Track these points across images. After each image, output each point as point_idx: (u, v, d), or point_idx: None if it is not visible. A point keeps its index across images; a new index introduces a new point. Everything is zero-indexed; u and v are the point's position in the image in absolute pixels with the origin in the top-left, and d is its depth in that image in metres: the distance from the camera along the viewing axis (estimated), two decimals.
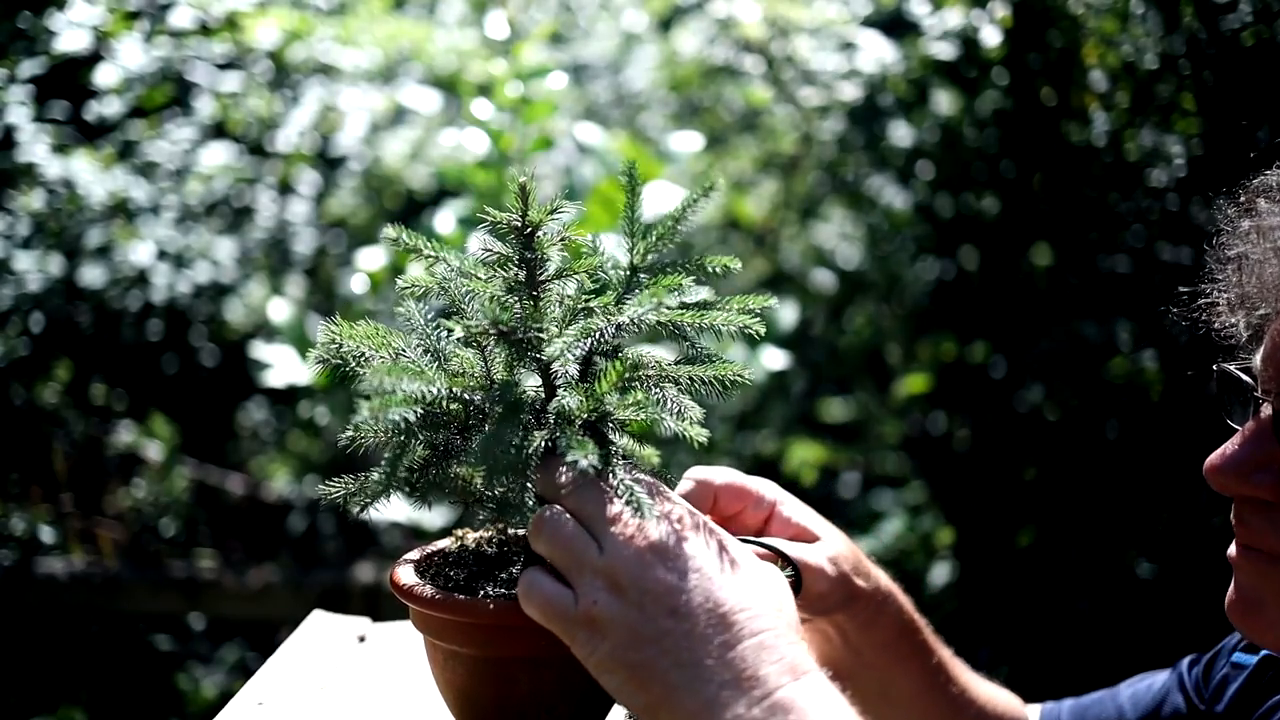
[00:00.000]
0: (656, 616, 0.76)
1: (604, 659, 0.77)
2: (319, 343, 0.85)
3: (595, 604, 0.77)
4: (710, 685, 0.74)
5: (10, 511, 3.05)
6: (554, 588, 0.80)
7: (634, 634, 0.76)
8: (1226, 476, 0.84)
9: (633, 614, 0.76)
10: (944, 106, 2.83)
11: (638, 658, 0.76)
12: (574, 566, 0.79)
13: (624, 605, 0.76)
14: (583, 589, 0.78)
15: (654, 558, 0.77)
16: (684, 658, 0.75)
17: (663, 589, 0.76)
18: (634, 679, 0.76)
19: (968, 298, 2.88)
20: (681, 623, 0.75)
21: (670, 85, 3.36)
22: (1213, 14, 2.34)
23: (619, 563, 0.77)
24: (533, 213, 0.87)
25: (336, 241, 3.51)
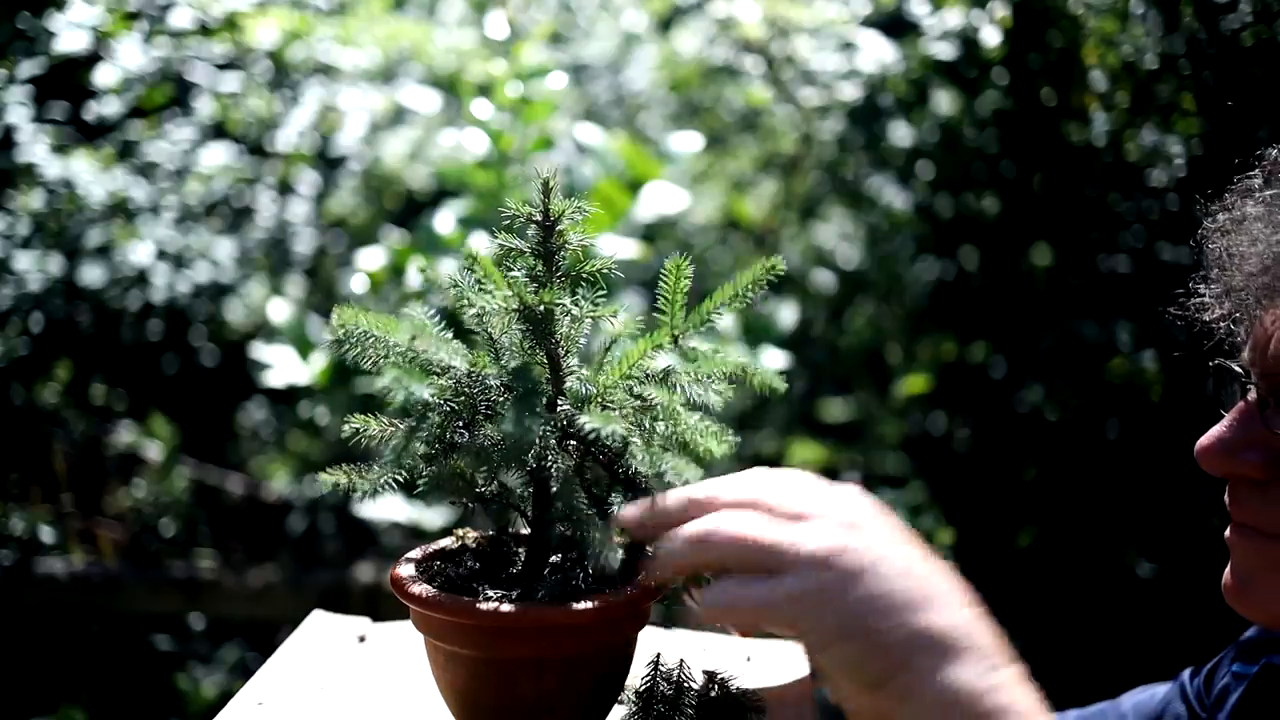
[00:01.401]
0: (887, 578, 0.71)
1: (832, 631, 0.71)
2: (332, 323, 0.85)
3: (815, 577, 0.72)
4: (949, 645, 0.71)
5: (10, 511, 3.05)
6: (751, 583, 0.74)
7: (866, 600, 0.71)
8: (1216, 456, 0.87)
9: (861, 580, 0.71)
10: (944, 106, 2.83)
11: (874, 624, 0.71)
12: (775, 552, 0.73)
13: (850, 570, 0.71)
14: (791, 567, 0.72)
15: (860, 520, 0.73)
16: (921, 618, 0.71)
17: (883, 549, 0.72)
18: (871, 649, 0.71)
19: (968, 298, 2.88)
20: (909, 583, 0.72)
21: (670, 85, 3.36)
22: (1213, 14, 2.34)
23: (829, 531, 0.73)
24: (554, 206, 0.88)
25: (336, 241, 3.51)
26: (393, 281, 2.35)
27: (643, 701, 0.93)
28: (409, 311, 0.90)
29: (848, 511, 0.74)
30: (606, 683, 0.91)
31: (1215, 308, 0.92)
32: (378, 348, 0.85)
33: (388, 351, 0.85)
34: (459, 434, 0.88)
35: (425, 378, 0.84)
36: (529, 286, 0.88)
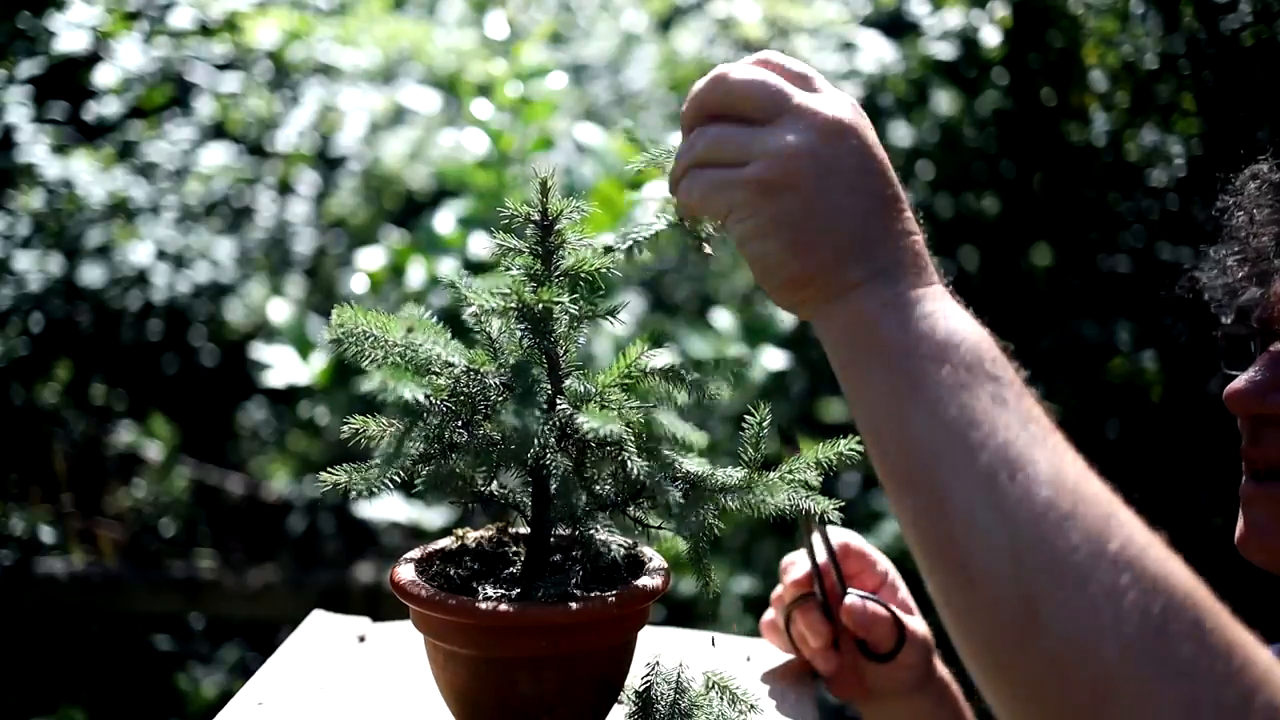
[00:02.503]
0: (837, 189, 0.73)
1: (764, 223, 0.74)
2: (331, 323, 0.86)
3: (770, 168, 0.73)
4: (876, 263, 0.73)
5: (10, 511, 3.05)
6: (715, 169, 0.76)
7: (810, 202, 0.73)
8: (1249, 398, 0.91)
9: (813, 182, 0.73)
10: (944, 106, 2.83)
11: (807, 225, 0.73)
12: (742, 142, 0.75)
13: (804, 172, 0.73)
14: (753, 157, 0.74)
15: (830, 136, 0.74)
16: (857, 233, 0.74)
17: (844, 163, 0.74)
18: (793, 246, 0.74)
19: (968, 298, 2.87)
20: (858, 199, 0.74)
21: (670, 85, 3.36)
22: (1213, 14, 2.34)
23: (795, 135, 0.74)
24: (552, 205, 0.88)
25: (336, 241, 3.51)
26: (393, 281, 2.35)
27: (643, 701, 0.93)
28: (408, 311, 0.90)
29: (821, 117, 0.75)
30: (606, 683, 0.91)
31: (1236, 270, 0.96)
32: (376, 347, 0.85)
33: (386, 351, 0.85)
34: (458, 433, 0.88)
35: (420, 377, 0.83)
36: (527, 286, 0.88)
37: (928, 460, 0.68)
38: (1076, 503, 0.64)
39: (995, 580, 0.64)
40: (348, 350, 0.85)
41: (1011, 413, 0.68)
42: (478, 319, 0.90)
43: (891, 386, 0.71)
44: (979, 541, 0.65)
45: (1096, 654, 0.60)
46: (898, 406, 0.71)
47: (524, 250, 0.90)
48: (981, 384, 0.69)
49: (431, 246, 2.22)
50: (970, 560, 0.65)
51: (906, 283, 0.74)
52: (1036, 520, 0.64)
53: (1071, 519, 0.63)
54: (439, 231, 2.23)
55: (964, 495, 0.66)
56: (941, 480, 0.67)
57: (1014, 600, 0.63)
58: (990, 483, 0.66)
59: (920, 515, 0.69)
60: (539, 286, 0.88)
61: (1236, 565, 0.97)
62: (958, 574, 0.66)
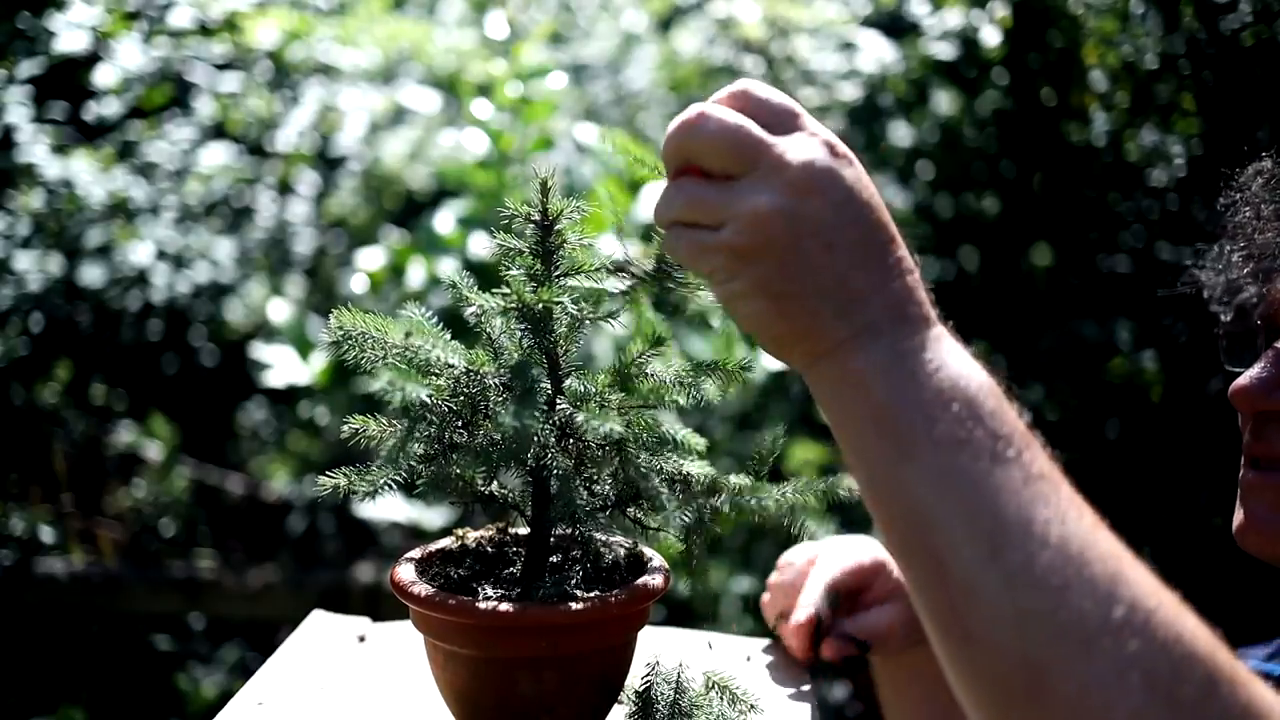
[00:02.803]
0: (813, 248, 0.71)
1: (745, 287, 0.72)
2: (329, 325, 0.86)
3: (743, 234, 0.71)
4: (861, 319, 0.71)
5: (10, 511, 3.05)
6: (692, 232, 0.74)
7: (785, 264, 0.71)
8: (1254, 395, 0.91)
9: (784, 244, 0.71)
10: (944, 106, 2.83)
11: (784, 289, 0.71)
12: (715, 204, 0.73)
13: (777, 235, 0.71)
14: (726, 219, 0.72)
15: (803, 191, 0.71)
16: (835, 292, 0.71)
17: (819, 219, 0.71)
18: (775, 309, 0.72)
19: (968, 298, 2.88)
20: (836, 256, 0.71)
21: (670, 85, 3.36)
22: (1213, 14, 2.34)
23: (766, 195, 0.71)
24: (552, 205, 0.88)
25: (336, 241, 3.51)
26: (393, 281, 2.35)
27: (643, 701, 0.93)
28: (407, 311, 0.90)
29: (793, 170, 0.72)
30: (606, 683, 0.91)
31: (1240, 266, 0.97)
32: (376, 348, 0.85)
33: (385, 352, 0.85)
34: (458, 434, 0.88)
35: (422, 378, 0.84)
36: (527, 286, 0.88)
37: (925, 526, 0.66)
38: (1081, 566, 0.62)
39: (999, 649, 0.63)
40: (347, 352, 0.86)
41: (1013, 468, 0.66)
42: (478, 319, 0.90)
43: (883, 449, 0.69)
44: (981, 610, 0.63)
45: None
46: (892, 470, 0.68)
47: (524, 250, 0.90)
48: (980, 440, 0.66)
49: (431, 246, 2.22)
50: (972, 629, 0.64)
51: (896, 335, 0.70)
52: (1039, 587, 0.62)
53: (1075, 584, 0.61)
54: (439, 231, 2.23)
55: (964, 562, 0.64)
56: (940, 546, 0.65)
57: (1019, 669, 0.62)
58: (991, 549, 0.63)
59: (920, 581, 0.67)
60: (539, 287, 0.88)
61: (1237, 565, 0.97)
62: (960, 642, 0.65)
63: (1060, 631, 0.61)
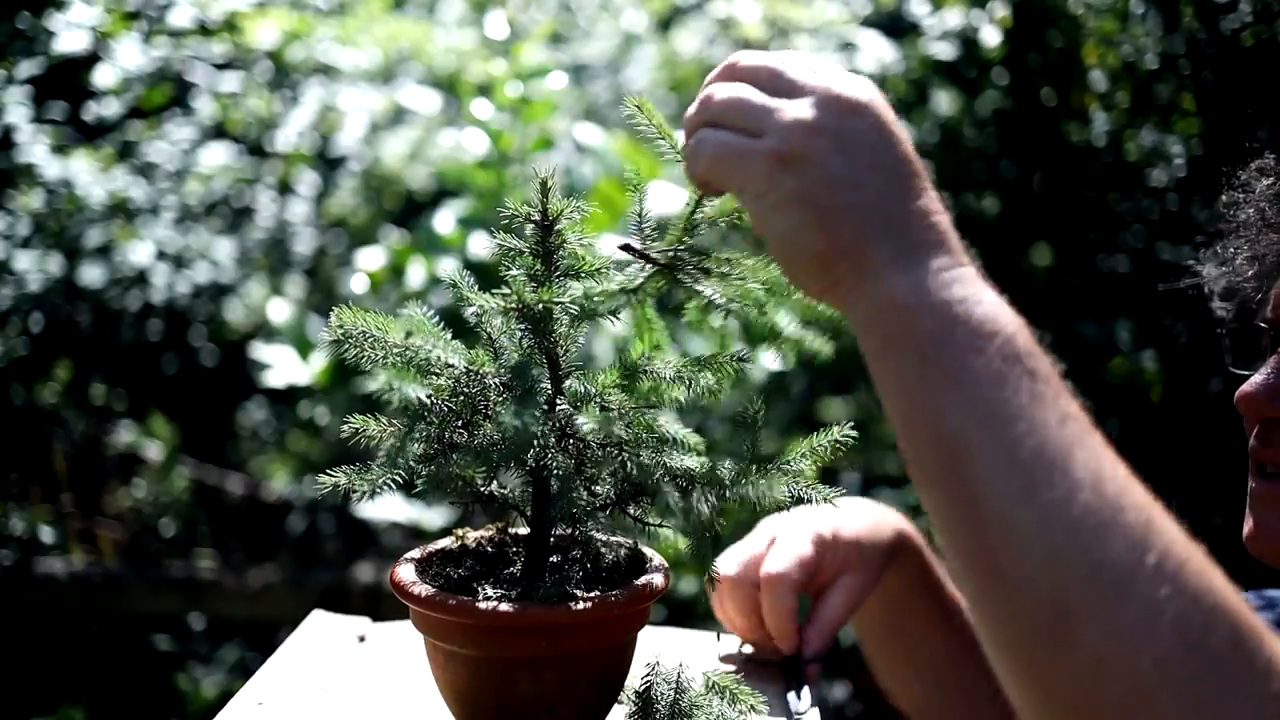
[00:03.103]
0: (858, 165, 0.70)
1: (787, 196, 0.71)
2: (330, 325, 0.86)
3: (788, 141, 0.71)
4: (903, 242, 0.70)
5: (10, 511, 3.05)
6: (729, 134, 0.73)
7: (831, 177, 0.70)
8: (1260, 401, 0.90)
9: (834, 157, 0.70)
10: (944, 106, 2.83)
11: (830, 201, 0.70)
12: (759, 109, 0.73)
13: (823, 147, 0.70)
14: (769, 128, 0.72)
15: (850, 109, 0.72)
16: (880, 209, 0.70)
17: (864, 139, 0.71)
18: (819, 222, 0.70)
19: None
20: (880, 176, 0.71)
21: (670, 85, 3.36)
22: (1213, 14, 2.34)
23: (814, 109, 0.71)
24: (552, 205, 0.88)
25: (336, 241, 3.51)
26: (393, 281, 2.35)
27: (643, 701, 0.93)
28: (407, 311, 0.90)
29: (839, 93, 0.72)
30: (606, 683, 0.91)
31: (1245, 268, 0.96)
32: (376, 348, 0.85)
33: (386, 352, 0.85)
34: (458, 434, 0.88)
35: (421, 378, 0.83)
36: (528, 286, 0.88)
37: (961, 457, 0.65)
38: (1116, 511, 0.62)
39: (1029, 587, 0.62)
40: (347, 352, 0.86)
41: (1050, 409, 0.65)
42: (478, 319, 0.90)
43: (923, 377, 0.67)
44: (1013, 547, 0.62)
45: (1132, 667, 0.59)
46: (930, 399, 0.67)
47: (524, 250, 0.90)
48: (1019, 377, 0.66)
49: (431, 246, 2.22)
50: (1003, 565, 0.63)
51: (938, 263, 0.70)
52: (1075, 527, 0.61)
53: (1111, 527, 0.61)
54: (439, 231, 2.23)
55: (999, 497, 0.63)
56: (976, 479, 0.64)
57: (1048, 608, 0.61)
58: (1027, 485, 0.63)
59: (951, 515, 0.66)
60: (539, 287, 0.88)
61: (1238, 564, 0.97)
62: (990, 578, 0.64)
63: (1093, 573, 0.60)
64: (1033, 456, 0.63)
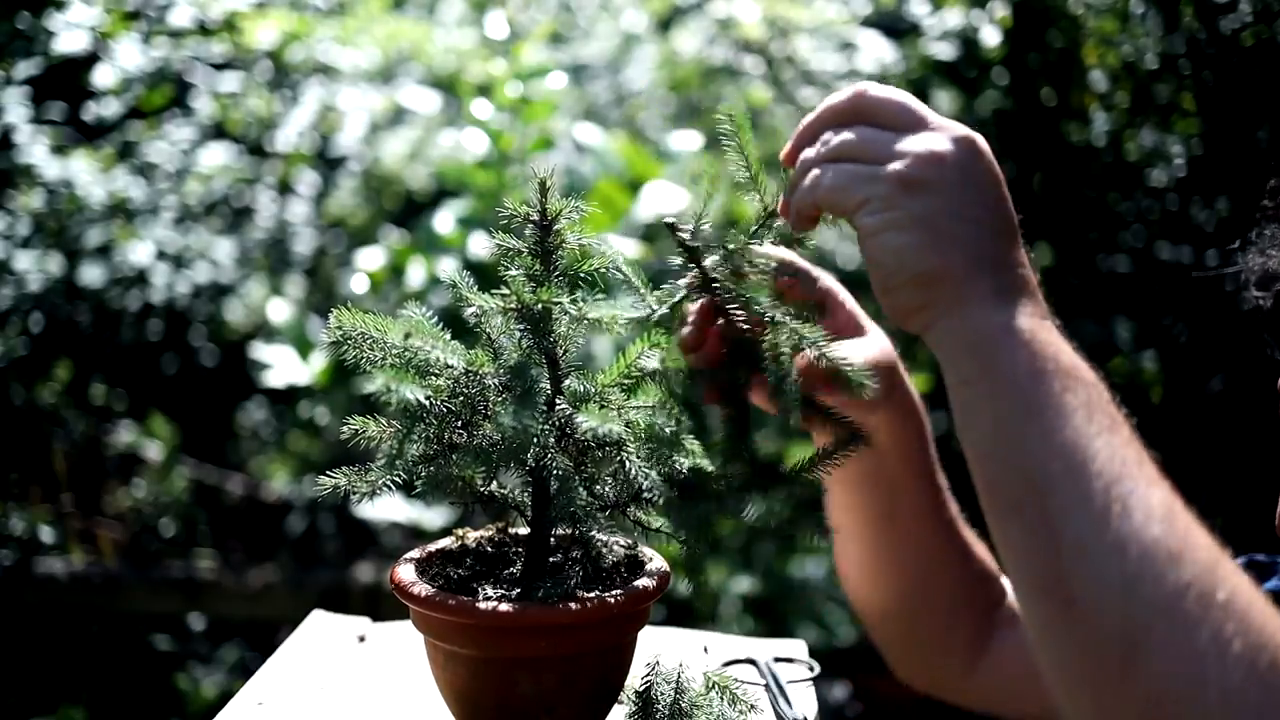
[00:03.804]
0: (977, 203, 0.75)
1: (902, 217, 0.74)
2: (329, 325, 0.86)
3: (917, 166, 0.74)
4: (1004, 280, 0.74)
5: (10, 511, 3.05)
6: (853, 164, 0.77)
7: (952, 206, 0.74)
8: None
9: (957, 190, 0.74)
10: (944, 106, 2.83)
11: (948, 228, 0.74)
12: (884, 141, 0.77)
13: (949, 179, 0.74)
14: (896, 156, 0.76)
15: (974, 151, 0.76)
16: (989, 248, 0.74)
17: (984, 180, 0.76)
18: (934, 244, 0.74)
19: None
20: (993, 216, 0.75)
21: (670, 85, 3.36)
22: (1213, 14, 2.34)
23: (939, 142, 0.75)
24: (551, 205, 0.88)
25: (336, 241, 3.51)
26: (393, 281, 2.35)
27: (643, 701, 0.93)
28: (406, 311, 0.90)
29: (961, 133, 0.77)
30: (606, 682, 0.91)
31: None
32: (375, 349, 0.85)
33: (385, 353, 0.85)
34: (458, 434, 0.88)
35: (420, 379, 0.83)
36: (527, 286, 0.88)
37: (1041, 485, 0.67)
38: (1186, 547, 0.63)
39: (1102, 613, 0.63)
40: (347, 352, 0.86)
41: (1127, 447, 0.68)
42: (478, 319, 0.90)
43: (1010, 406, 0.70)
44: (1089, 572, 0.64)
45: (1199, 699, 0.59)
46: (1015, 428, 0.70)
47: (523, 250, 0.90)
48: (1099, 417, 0.69)
49: (431, 246, 2.23)
50: (1077, 591, 0.64)
51: (1030, 308, 0.74)
52: (1149, 556, 0.62)
53: (1183, 561, 0.62)
54: (439, 231, 2.23)
55: (1077, 523, 0.65)
56: (1054, 506, 0.66)
57: (1119, 635, 0.62)
58: (1104, 513, 0.64)
59: (1027, 541, 0.68)
60: (538, 287, 0.88)
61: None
62: (1062, 603, 0.65)
63: (1165, 601, 0.61)
64: (1110, 487, 0.65)
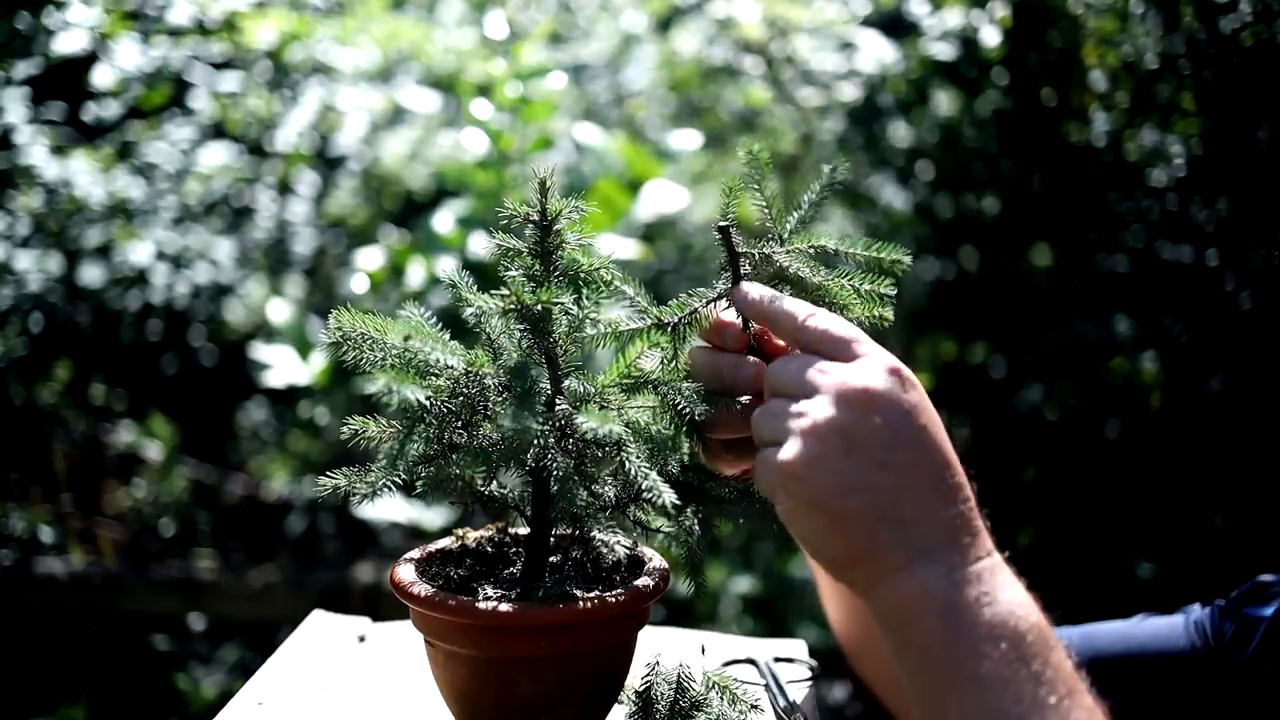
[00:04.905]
0: (867, 466, 0.73)
1: (798, 505, 0.74)
2: (329, 325, 0.86)
3: (795, 452, 0.74)
4: (916, 544, 0.72)
5: (10, 511, 3.05)
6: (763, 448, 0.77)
7: (840, 482, 0.73)
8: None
9: (842, 461, 0.73)
10: (944, 106, 2.83)
11: (841, 505, 0.73)
12: (776, 425, 0.76)
13: (833, 449, 0.73)
14: (785, 437, 0.75)
15: (863, 404, 0.74)
16: (890, 513, 0.73)
17: (876, 437, 0.73)
18: (832, 528, 0.73)
19: (968, 298, 2.88)
20: (890, 476, 0.73)
21: (670, 85, 3.36)
22: (1213, 14, 2.34)
23: (822, 412, 0.74)
24: (551, 205, 0.88)
25: (336, 241, 3.51)
26: (392, 281, 2.35)
27: (643, 701, 0.93)
28: (406, 312, 0.90)
29: (849, 389, 0.74)
30: (605, 682, 0.91)
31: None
32: (375, 349, 0.85)
33: (385, 353, 0.85)
34: (458, 434, 0.88)
35: (420, 379, 0.83)
36: (526, 286, 0.88)
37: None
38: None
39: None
40: (346, 352, 0.86)
41: (1051, 715, 0.68)
42: (477, 319, 0.90)
43: (932, 679, 0.71)
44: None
45: None
46: (938, 699, 0.71)
47: (523, 250, 0.89)
48: (1022, 683, 0.69)
49: (431, 246, 2.23)
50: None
51: (951, 563, 0.72)
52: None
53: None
54: (439, 231, 2.23)
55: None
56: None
57: None
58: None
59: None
60: (538, 287, 0.88)
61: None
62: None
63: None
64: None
